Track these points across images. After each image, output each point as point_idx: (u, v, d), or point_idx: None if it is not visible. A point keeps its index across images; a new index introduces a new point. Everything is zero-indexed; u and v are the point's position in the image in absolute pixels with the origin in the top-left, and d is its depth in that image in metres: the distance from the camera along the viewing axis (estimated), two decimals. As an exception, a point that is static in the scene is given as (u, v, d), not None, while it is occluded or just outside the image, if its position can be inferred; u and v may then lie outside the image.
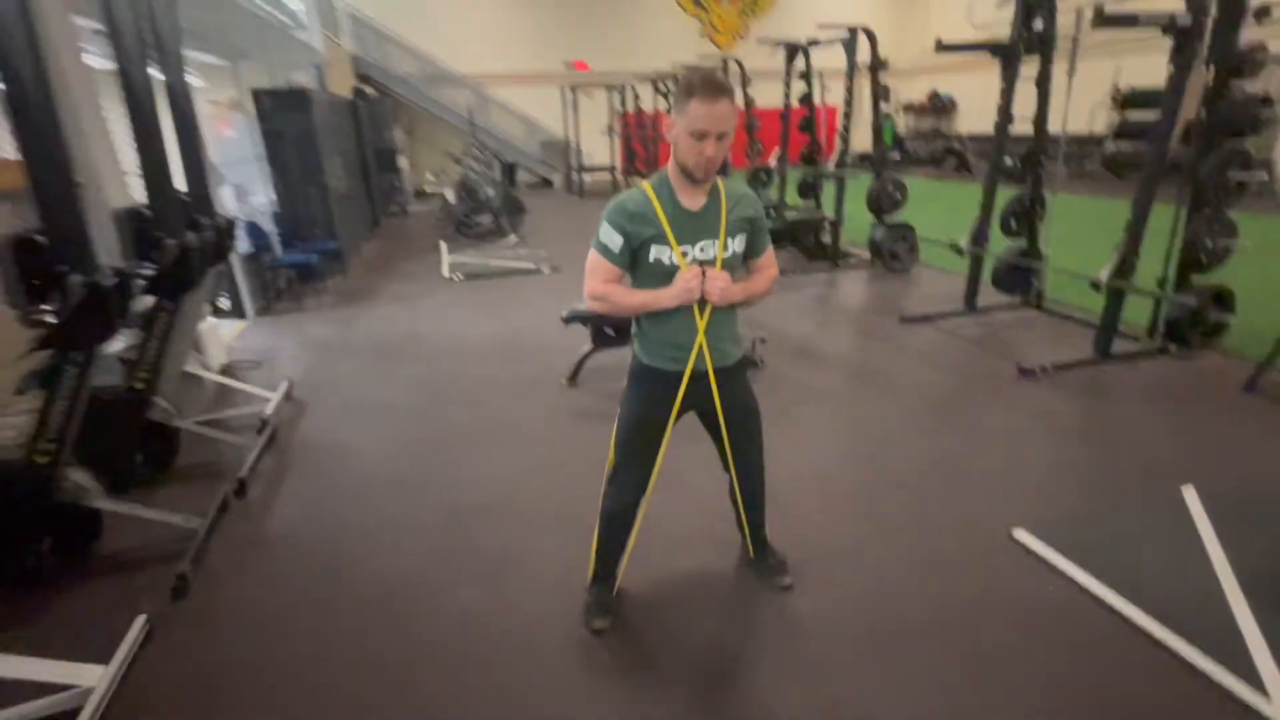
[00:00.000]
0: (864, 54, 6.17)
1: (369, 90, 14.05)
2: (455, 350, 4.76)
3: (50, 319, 1.98)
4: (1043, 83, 4.65)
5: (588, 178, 16.22)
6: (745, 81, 8.71)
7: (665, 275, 1.73)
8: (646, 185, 1.73)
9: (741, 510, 2.18)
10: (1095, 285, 4.03)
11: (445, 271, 7.11)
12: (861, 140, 6.76)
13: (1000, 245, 5.23)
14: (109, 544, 2.46)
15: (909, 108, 19.39)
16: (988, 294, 5.28)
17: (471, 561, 2.43)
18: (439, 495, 2.89)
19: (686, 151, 1.60)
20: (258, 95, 6.39)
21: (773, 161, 7.98)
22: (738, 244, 1.77)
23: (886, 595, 2.20)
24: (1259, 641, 1.92)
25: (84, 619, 2.13)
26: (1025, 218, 5.13)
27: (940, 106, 18.72)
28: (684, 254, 1.71)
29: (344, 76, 12.00)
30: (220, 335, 4.55)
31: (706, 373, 1.84)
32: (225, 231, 3.29)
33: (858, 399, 3.79)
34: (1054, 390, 3.79)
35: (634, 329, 1.89)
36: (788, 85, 7.38)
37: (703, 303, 1.74)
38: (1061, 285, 5.29)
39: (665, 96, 12.32)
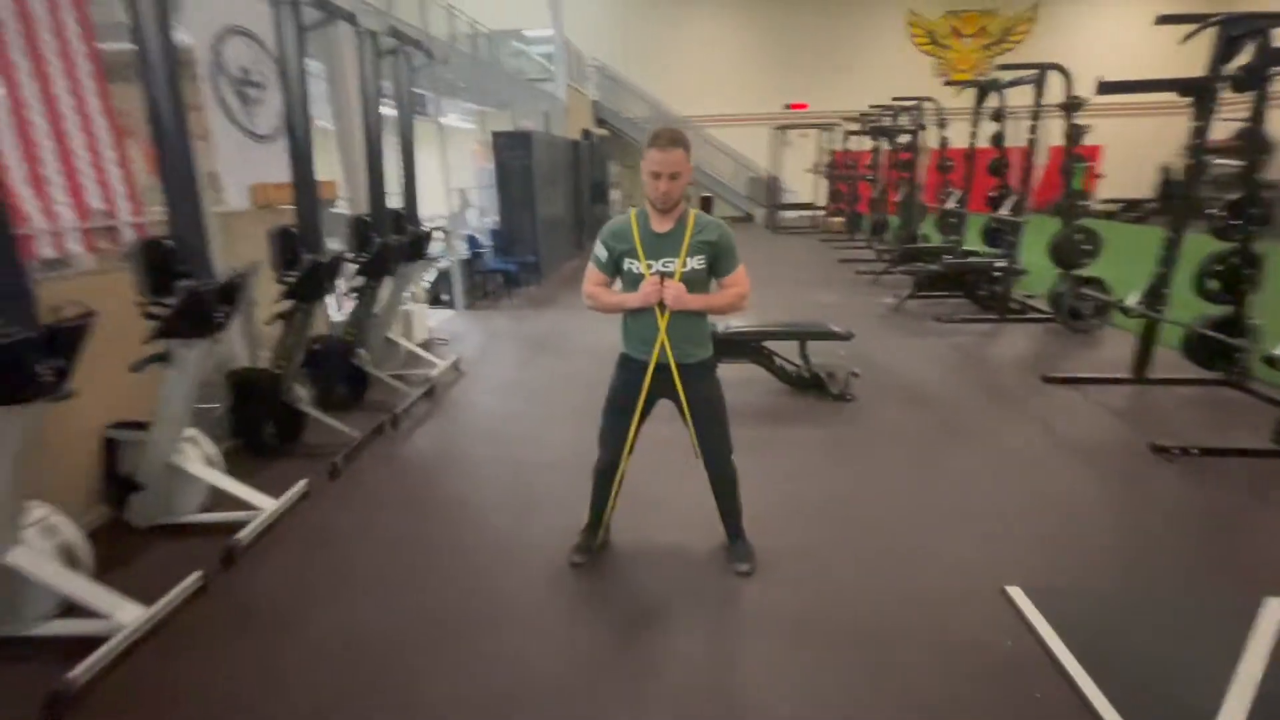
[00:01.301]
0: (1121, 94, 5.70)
1: (601, 131, 16.17)
2: (588, 349, 5.59)
3: (289, 281, 3.14)
4: (1255, 122, 3.99)
5: (792, 214, 16.55)
6: (942, 122, 8.44)
7: (635, 282, 2.22)
8: (633, 213, 2.24)
9: (714, 496, 2.52)
10: (1270, 361, 3.38)
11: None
12: (1118, 186, 6.05)
13: (1195, 309, 4.49)
14: (307, 437, 3.64)
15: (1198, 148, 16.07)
16: (1180, 366, 4.55)
17: (515, 497, 3.13)
18: (521, 449, 3.65)
19: (648, 187, 2.09)
20: (495, 136, 8.07)
21: (951, 204, 7.59)
22: (697, 262, 2.18)
23: (836, 608, 2.33)
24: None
25: (278, 478, 3.24)
26: (1232, 279, 4.35)
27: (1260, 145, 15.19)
28: (649, 266, 2.19)
29: (582, 120, 14.07)
30: (426, 318, 5.96)
31: (669, 366, 2.27)
32: (424, 238, 4.50)
33: (938, 446, 3.69)
34: (1186, 474, 3.28)
35: (621, 325, 2.39)
36: (974, 126, 7.04)
37: (663, 306, 2.19)
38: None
39: (872, 136, 12.20)
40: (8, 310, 1.82)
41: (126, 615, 2.13)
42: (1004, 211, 6.31)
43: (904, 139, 9.09)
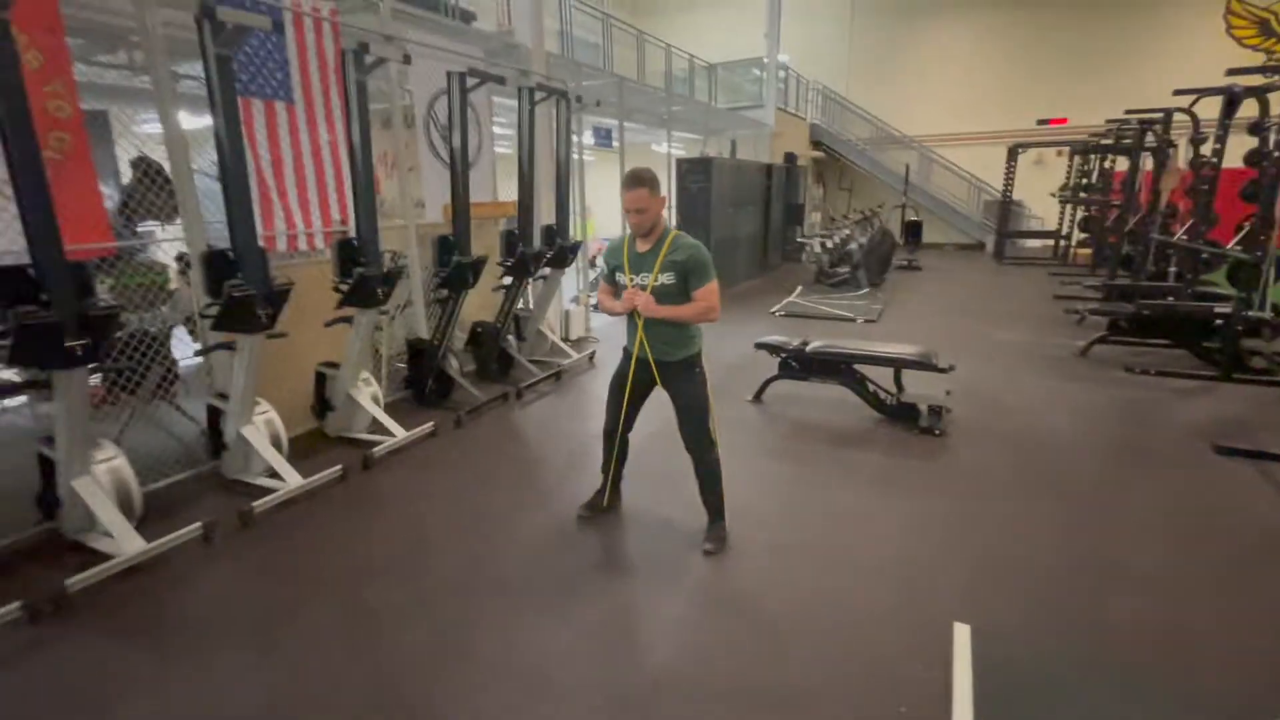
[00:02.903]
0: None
1: (815, 153, 16.13)
2: (712, 355, 6.01)
3: (442, 276, 4.26)
4: None
5: (1035, 244, 14.64)
6: (1196, 139, 7.04)
7: (622, 292, 2.73)
8: (627, 236, 2.76)
9: (695, 478, 2.89)
10: None
11: (773, 308, 8.32)
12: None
13: None
14: (456, 397, 4.78)
15: None
16: None
17: (576, 458, 3.85)
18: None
19: (626, 217, 2.60)
20: (679, 162, 8.89)
21: (1181, 235, 6.29)
22: (668, 278, 2.61)
23: (770, 600, 2.53)
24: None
25: (424, 421, 4.36)
26: None
27: None
28: (631, 279, 2.68)
29: (793, 143, 14.28)
30: (583, 317, 6.98)
31: (648, 361, 2.73)
32: (569, 249, 5.44)
33: (1009, 493, 3.39)
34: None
35: (627, 325, 2.91)
36: (1220, 142, 5.79)
37: (638, 312, 2.67)
38: None
39: (1126, 154, 10.34)
40: (250, 276, 3.05)
41: (292, 480, 3.30)
42: (1232, 246, 5.15)
43: (1147, 157, 7.68)
